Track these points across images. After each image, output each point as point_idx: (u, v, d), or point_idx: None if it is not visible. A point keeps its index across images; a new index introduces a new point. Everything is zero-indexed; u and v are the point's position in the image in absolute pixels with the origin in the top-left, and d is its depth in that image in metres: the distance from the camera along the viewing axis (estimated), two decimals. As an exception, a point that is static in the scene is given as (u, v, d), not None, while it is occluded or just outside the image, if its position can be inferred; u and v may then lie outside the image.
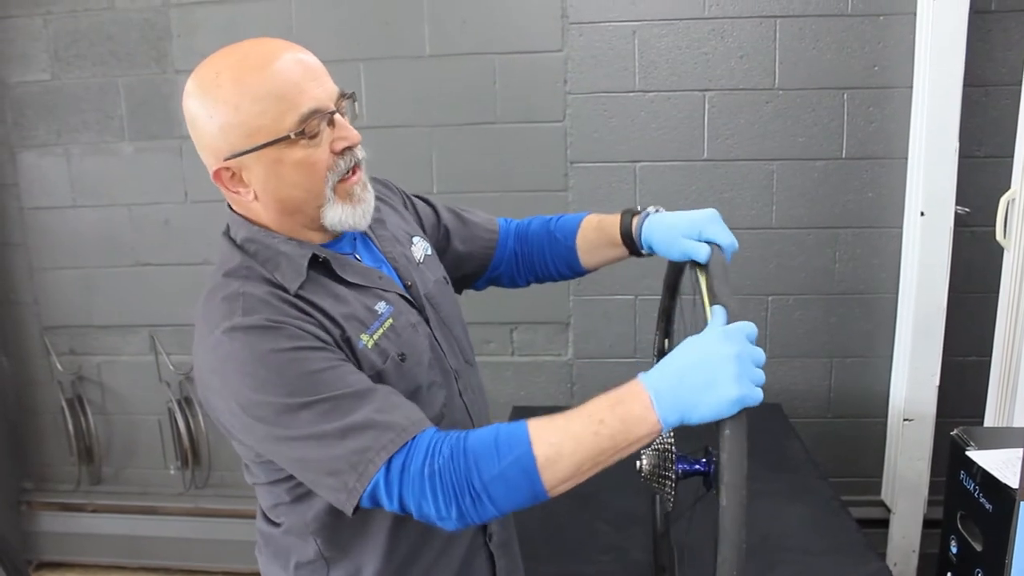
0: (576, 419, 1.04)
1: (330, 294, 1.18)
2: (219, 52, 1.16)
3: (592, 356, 2.88)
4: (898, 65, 2.55)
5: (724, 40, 2.61)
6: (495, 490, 1.03)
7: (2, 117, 2.99)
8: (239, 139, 1.12)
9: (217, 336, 1.09)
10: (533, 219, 1.58)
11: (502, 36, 2.69)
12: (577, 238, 1.51)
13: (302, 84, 1.13)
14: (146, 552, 3.24)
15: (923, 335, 2.58)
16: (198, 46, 2.80)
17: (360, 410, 1.06)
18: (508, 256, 1.58)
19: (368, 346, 1.17)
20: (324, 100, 1.15)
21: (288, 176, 1.14)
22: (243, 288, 1.13)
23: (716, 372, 0.99)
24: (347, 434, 1.05)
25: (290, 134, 1.11)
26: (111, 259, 3.04)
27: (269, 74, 1.11)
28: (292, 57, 1.15)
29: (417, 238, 1.42)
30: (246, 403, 1.08)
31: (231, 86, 1.11)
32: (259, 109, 1.10)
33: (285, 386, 1.06)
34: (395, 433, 1.06)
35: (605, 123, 2.70)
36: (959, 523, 1.93)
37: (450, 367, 1.34)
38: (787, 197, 2.69)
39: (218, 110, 1.11)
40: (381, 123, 2.74)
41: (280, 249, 1.18)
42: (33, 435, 3.29)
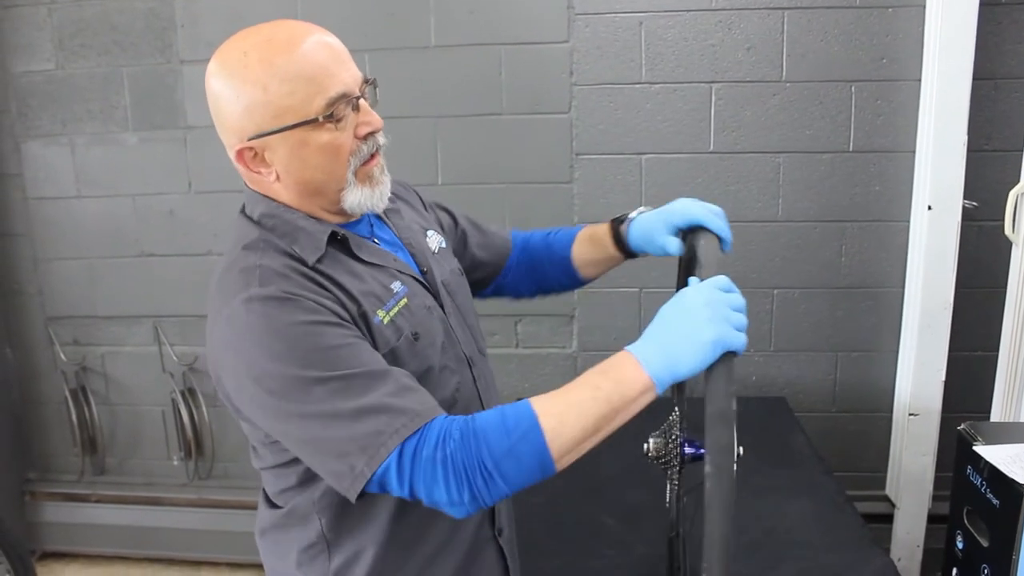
0: (574, 389, 1.09)
1: (347, 270, 1.19)
2: (243, 33, 1.15)
3: (597, 348, 2.87)
4: (907, 57, 2.53)
5: (731, 32, 2.59)
6: (506, 467, 1.04)
7: (6, 107, 2.98)
8: (265, 119, 1.12)
9: (233, 307, 1.09)
10: (535, 232, 1.64)
11: (508, 27, 2.68)
12: (572, 249, 1.57)
13: (331, 67, 1.13)
14: (149, 542, 3.24)
15: (929, 329, 2.57)
16: (203, 36, 2.79)
17: (374, 391, 1.06)
18: (514, 266, 1.63)
19: (384, 322, 1.18)
20: (351, 84, 1.15)
21: (312, 158, 1.15)
22: (260, 260, 1.13)
23: (690, 321, 1.05)
24: (360, 415, 1.05)
25: (318, 117, 1.12)
26: (115, 249, 3.04)
27: (299, 55, 1.11)
28: (320, 39, 1.14)
29: (432, 232, 1.43)
30: (259, 374, 1.07)
31: (259, 66, 1.10)
32: (287, 90, 1.11)
33: (300, 359, 1.06)
34: (408, 418, 1.06)
35: (611, 115, 2.69)
36: (965, 518, 1.92)
37: (464, 354, 1.34)
38: (793, 190, 2.68)
39: (245, 90, 1.11)
40: (386, 114, 2.70)
41: (299, 224, 1.19)
42: (37, 425, 3.29)
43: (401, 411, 1.06)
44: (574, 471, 2.01)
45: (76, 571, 3.27)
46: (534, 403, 1.07)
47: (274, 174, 1.17)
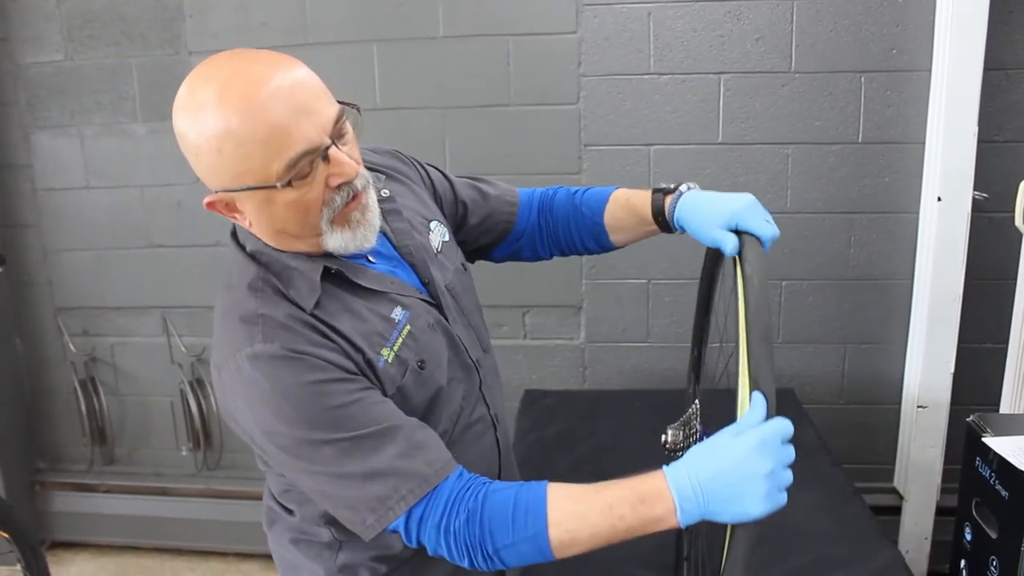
0: (596, 508, 1.04)
1: (346, 309, 1.15)
2: (205, 70, 1.06)
3: (604, 340, 2.87)
4: (917, 48, 2.52)
5: (740, 22, 2.58)
6: (506, 555, 1.07)
7: (16, 98, 2.99)
8: (225, 179, 1.05)
9: (239, 361, 1.08)
10: (558, 189, 1.52)
11: (516, 18, 2.67)
12: (605, 214, 1.44)
13: (290, 125, 1.02)
14: (158, 532, 3.26)
15: (938, 321, 2.56)
16: (211, 27, 2.79)
17: (383, 452, 1.07)
18: (531, 229, 1.52)
19: (389, 360, 1.15)
20: (315, 138, 1.04)
21: (280, 213, 1.08)
22: (261, 308, 1.10)
23: (746, 489, 0.98)
24: (368, 478, 1.07)
25: (276, 184, 1.04)
26: (124, 240, 3.05)
27: (252, 113, 1.01)
28: (280, 87, 1.03)
29: (435, 223, 1.37)
30: (269, 432, 1.08)
31: (214, 124, 1.02)
32: (243, 153, 1.02)
33: (307, 421, 1.06)
34: (416, 483, 1.07)
35: (619, 106, 2.68)
36: (974, 510, 1.92)
37: (471, 360, 1.32)
38: (802, 181, 2.67)
39: (202, 147, 1.04)
40: (394, 105, 2.73)
41: (289, 264, 1.14)
42: (46, 416, 3.30)
43: (410, 475, 1.07)
44: (582, 462, 2.00)
45: (85, 560, 3.28)
46: (550, 508, 1.05)
47: (248, 221, 1.12)
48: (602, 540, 1.05)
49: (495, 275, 2.77)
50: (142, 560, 3.27)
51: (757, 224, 1.19)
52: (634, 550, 1.89)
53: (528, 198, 1.53)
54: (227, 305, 1.14)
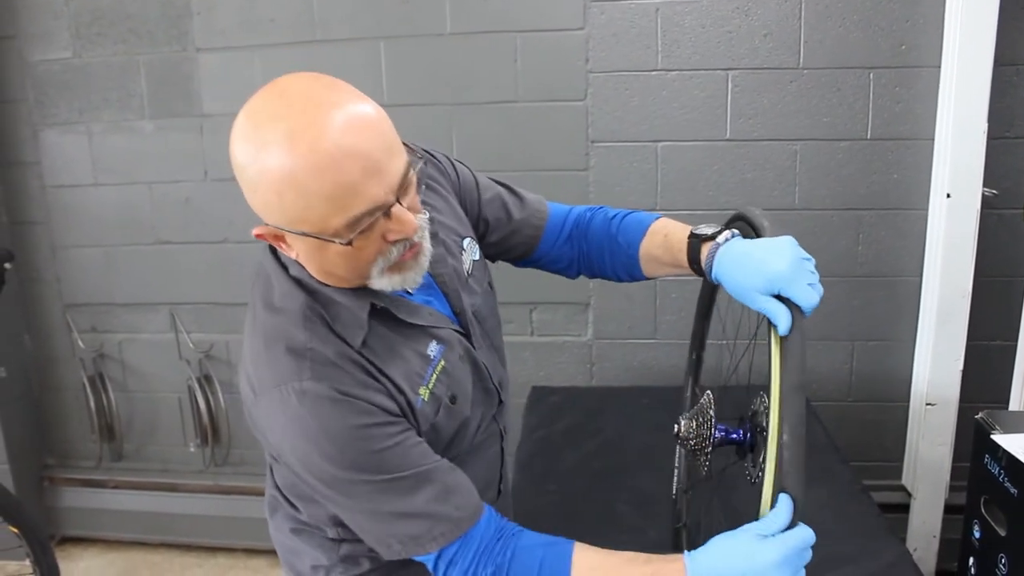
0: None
1: (389, 348, 1.14)
2: (271, 100, 1.00)
3: (612, 337, 2.87)
4: (926, 44, 2.50)
5: (748, 18, 2.57)
6: None
7: (24, 95, 3.00)
8: (281, 219, 1.02)
9: (284, 394, 1.07)
10: (595, 213, 1.46)
11: (523, 14, 2.66)
12: (640, 249, 1.39)
13: (359, 185, 0.98)
14: (167, 528, 3.27)
15: (947, 319, 2.55)
16: (218, 24, 2.79)
17: (419, 494, 1.10)
18: (557, 250, 1.47)
19: (425, 399, 1.16)
20: (381, 197, 1.00)
21: (331, 259, 1.06)
22: (311, 343, 1.08)
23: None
24: (402, 518, 1.10)
25: (335, 240, 1.01)
26: (132, 237, 3.05)
27: (323, 169, 0.96)
28: (354, 144, 0.97)
29: (468, 240, 1.34)
30: (308, 464, 1.09)
31: (278, 168, 0.96)
32: (305, 203, 0.98)
33: (350, 462, 1.07)
34: (447, 527, 1.11)
35: (627, 102, 2.68)
36: (983, 508, 1.91)
37: (493, 384, 1.33)
38: (810, 178, 2.66)
39: (261, 186, 0.99)
40: (401, 102, 2.73)
41: (335, 298, 1.12)
42: (55, 412, 3.32)
43: (442, 518, 1.11)
44: (589, 459, 2.01)
45: (94, 556, 3.30)
46: (575, 572, 1.09)
47: (295, 254, 1.09)
48: None
49: (502, 272, 2.77)
50: (150, 556, 3.28)
51: (800, 292, 1.11)
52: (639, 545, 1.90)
53: (560, 219, 1.48)
54: (272, 329, 1.11)
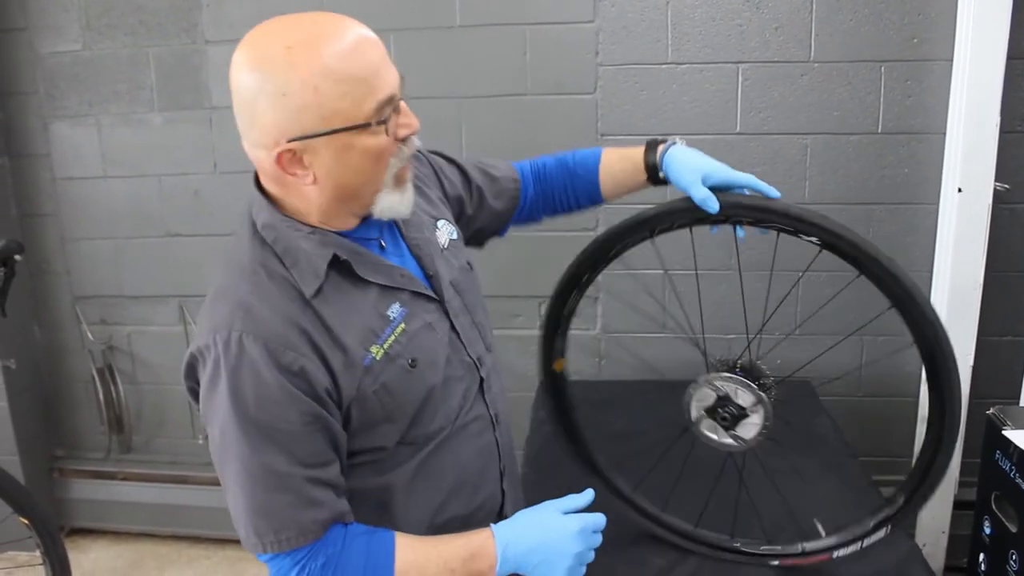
0: (434, 560, 1.16)
1: (343, 301, 1.15)
2: (276, 25, 1.08)
3: (620, 331, 2.86)
4: (938, 37, 2.49)
5: (759, 11, 2.56)
6: None
7: (34, 88, 3.00)
8: (312, 121, 1.05)
9: (214, 340, 1.09)
10: (547, 159, 1.62)
11: (533, 7, 2.66)
12: (600, 171, 1.56)
13: (380, 67, 1.08)
14: (175, 520, 3.28)
15: (958, 314, 2.54)
16: (228, 16, 2.79)
17: (279, 496, 1.11)
18: (530, 200, 1.61)
19: (376, 358, 1.15)
20: (395, 86, 1.11)
21: (355, 162, 1.10)
22: (251, 295, 1.10)
23: (556, 562, 1.18)
24: (258, 512, 1.11)
25: (370, 122, 1.07)
26: (141, 229, 3.06)
27: (350, 53, 1.05)
28: (366, 36, 1.09)
29: (442, 221, 1.38)
30: (208, 413, 1.12)
31: (308, 63, 1.03)
32: (340, 91, 1.05)
33: (253, 410, 1.08)
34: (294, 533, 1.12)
35: (636, 96, 2.67)
36: (993, 504, 1.91)
37: (471, 358, 1.32)
38: (821, 172, 2.65)
39: (292, 89, 1.03)
40: (410, 94, 2.71)
41: (300, 244, 1.14)
42: (64, 404, 3.33)
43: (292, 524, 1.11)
44: (597, 453, 1.99)
45: (103, 547, 3.31)
46: (397, 558, 1.14)
47: (311, 176, 1.11)
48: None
49: (511, 265, 2.78)
50: (159, 547, 3.30)
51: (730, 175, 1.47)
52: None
53: (523, 169, 1.63)
54: (219, 285, 1.15)
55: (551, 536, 1.18)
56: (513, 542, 1.16)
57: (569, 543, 1.18)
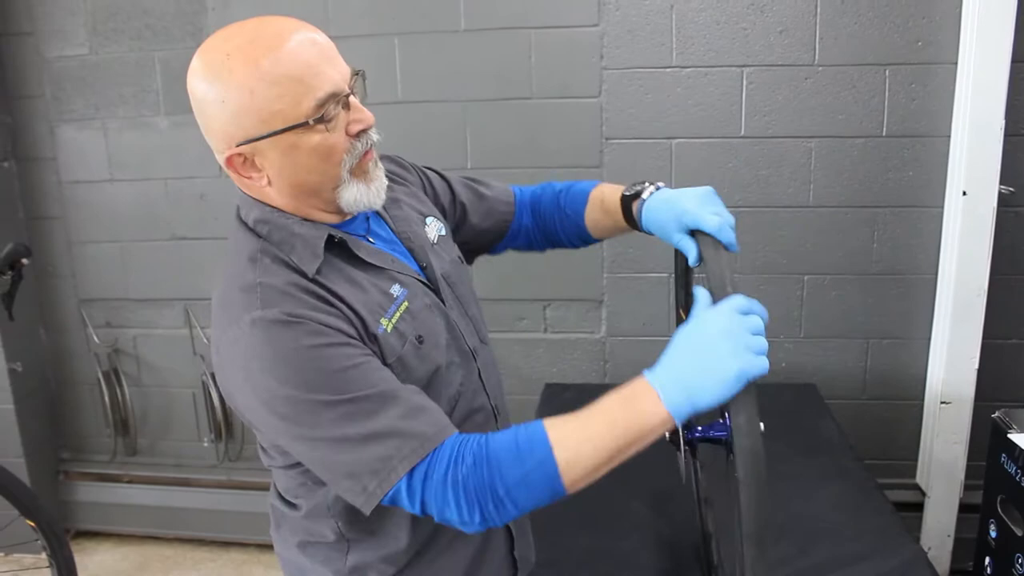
0: (591, 419, 1.07)
1: (346, 278, 1.16)
2: (224, 31, 1.11)
3: (625, 334, 2.87)
4: (943, 40, 2.49)
5: (763, 15, 2.56)
6: (518, 494, 1.05)
7: (41, 91, 3.01)
8: (254, 125, 1.07)
9: (238, 329, 1.07)
10: (545, 188, 1.56)
11: (538, 11, 2.66)
12: (586, 218, 1.50)
13: (318, 66, 1.09)
14: (180, 523, 3.29)
15: (963, 317, 2.53)
16: (233, 19, 2.75)
17: (384, 414, 1.06)
18: (524, 229, 1.57)
19: (387, 330, 1.15)
20: (339, 82, 1.10)
21: (304, 161, 1.11)
22: (260, 277, 1.10)
23: (711, 352, 1.02)
24: (369, 440, 1.05)
25: (308, 120, 1.08)
26: (147, 233, 3.07)
27: (285, 55, 1.07)
28: (305, 37, 1.10)
29: (431, 218, 1.39)
30: (268, 398, 1.07)
31: (244, 68, 1.06)
32: (275, 93, 1.06)
33: (307, 383, 1.05)
34: (418, 442, 1.06)
35: (641, 99, 2.67)
36: (999, 507, 1.91)
37: (468, 347, 1.32)
38: (825, 175, 2.65)
39: (230, 94, 1.06)
40: (415, 98, 2.73)
41: (294, 230, 1.15)
42: (70, 406, 3.34)
43: (412, 435, 1.06)
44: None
45: (108, 549, 3.32)
46: (549, 431, 1.06)
47: (265, 178, 1.13)
48: (606, 452, 1.05)
49: (516, 268, 2.78)
50: (164, 550, 3.30)
51: (706, 220, 1.21)
52: (650, 541, 1.90)
53: (520, 198, 1.57)
54: (226, 281, 1.15)
55: (691, 337, 1.05)
56: (663, 370, 1.05)
57: (709, 328, 1.03)
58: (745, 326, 1.03)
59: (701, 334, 1.04)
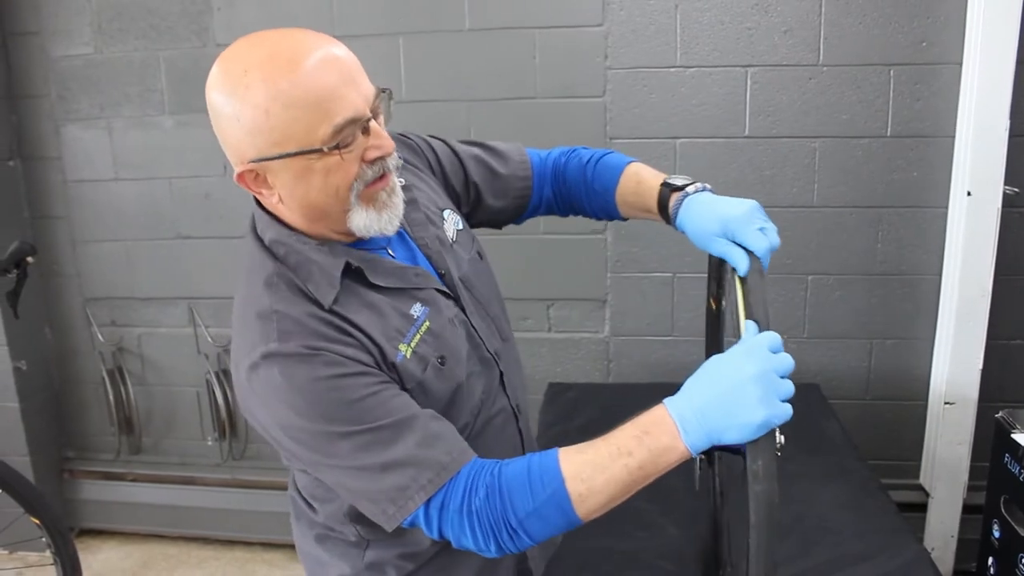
0: (605, 452, 1.05)
1: (364, 304, 1.14)
2: (245, 42, 1.07)
3: (629, 334, 2.86)
4: (947, 40, 2.49)
5: (768, 15, 2.56)
6: (531, 525, 1.06)
7: (46, 91, 3.02)
8: (267, 145, 1.05)
9: (254, 359, 1.07)
10: (570, 157, 1.50)
11: (542, 10, 2.66)
12: (616, 194, 1.43)
13: (339, 89, 1.04)
14: (184, 521, 3.29)
15: (967, 317, 2.53)
16: (239, 19, 2.81)
17: (400, 443, 1.06)
18: (545, 200, 1.52)
19: (407, 356, 1.15)
20: (360, 107, 1.06)
21: (315, 183, 1.08)
22: (276, 305, 1.10)
23: (740, 396, 1.00)
24: (387, 469, 1.06)
25: (323, 147, 1.04)
26: (152, 232, 3.07)
27: (303, 76, 1.02)
28: (326, 56, 1.05)
29: (448, 212, 1.36)
30: (286, 427, 1.08)
31: (261, 87, 1.02)
32: (291, 116, 1.03)
33: (324, 415, 1.05)
34: (434, 472, 1.07)
35: (645, 99, 2.67)
36: (1003, 507, 1.91)
37: (489, 352, 1.31)
38: (829, 175, 2.65)
39: (246, 112, 1.04)
40: (420, 97, 2.74)
41: (311, 256, 1.13)
42: (75, 405, 3.35)
43: (428, 464, 1.07)
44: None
45: (112, 548, 3.33)
46: (562, 463, 1.06)
47: (277, 196, 1.11)
48: (619, 485, 1.05)
49: (519, 268, 2.78)
50: (167, 548, 3.31)
51: (751, 236, 1.17)
52: (657, 540, 1.90)
53: (541, 167, 1.52)
54: (243, 301, 1.14)
55: (719, 374, 1.02)
56: (686, 404, 1.03)
57: (741, 369, 1.00)
58: (775, 367, 1.02)
59: (734, 374, 1.01)
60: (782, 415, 1.00)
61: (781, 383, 1.01)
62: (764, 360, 1.01)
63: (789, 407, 1.00)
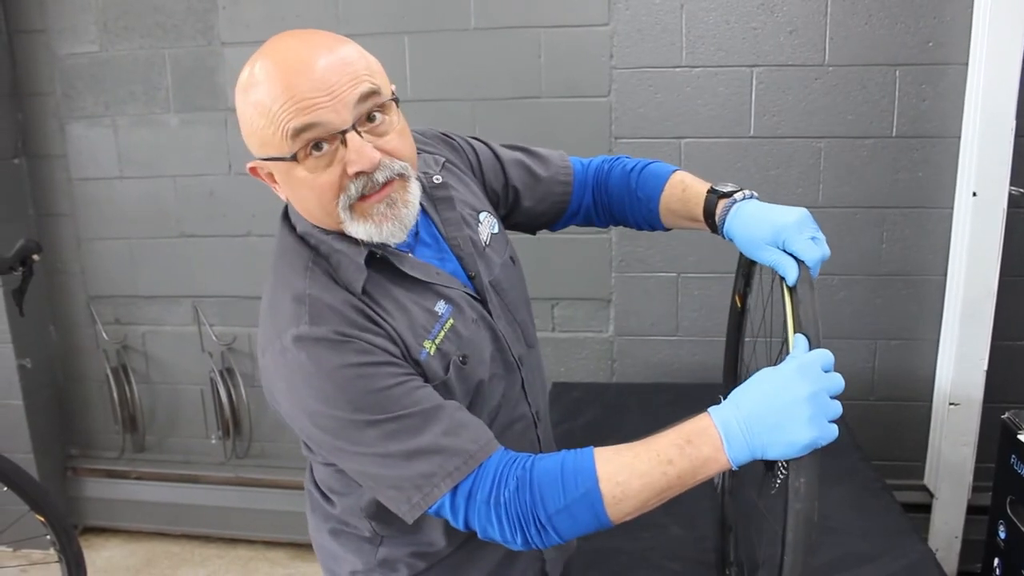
0: (644, 456, 1.03)
1: (390, 298, 1.14)
2: (273, 40, 1.09)
3: (633, 333, 2.86)
4: (954, 40, 2.48)
5: (773, 15, 2.56)
6: (560, 522, 1.04)
7: (51, 88, 3.03)
8: (256, 146, 1.09)
9: (285, 342, 1.07)
10: (614, 164, 1.47)
11: (548, 9, 2.66)
12: (660, 203, 1.39)
13: (304, 100, 1.02)
14: (188, 519, 3.30)
15: (972, 318, 2.53)
16: (244, 18, 2.80)
17: (427, 431, 1.05)
18: (584, 208, 1.49)
19: (431, 353, 1.14)
20: (331, 119, 1.03)
21: (299, 190, 1.09)
22: (310, 289, 1.10)
23: (789, 414, 0.98)
24: (413, 457, 1.05)
25: (286, 156, 1.05)
26: (156, 230, 3.08)
27: (276, 84, 1.03)
28: (311, 64, 1.03)
29: (484, 214, 1.34)
30: (312, 413, 1.07)
31: (253, 90, 1.05)
32: (263, 123, 1.05)
33: (352, 402, 1.05)
34: (462, 460, 1.06)
35: (651, 98, 2.67)
36: (1008, 508, 1.90)
37: (513, 357, 1.30)
38: (835, 176, 2.64)
39: (244, 112, 1.08)
40: (425, 97, 2.74)
41: (335, 247, 1.14)
42: (79, 403, 3.35)
43: (455, 452, 1.06)
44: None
45: (116, 545, 3.33)
46: (598, 464, 1.04)
47: (283, 192, 1.14)
48: (655, 491, 1.03)
49: (524, 267, 2.78)
50: (171, 546, 3.31)
51: (802, 245, 1.14)
52: (660, 540, 1.90)
53: (583, 174, 1.49)
54: (276, 285, 1.14)
55: (770, 389, 1.00)
56: (731, 413, 1.01)
57: (793, 387, 0.98)
58: (827, 387, 1.00)
59: (786, 392, 0.99)
60: (829, 436, 0.98)
61: (831, 404, 1.00)
62: (817, 380, 1.00)
63: (836, 428, 0.99)
